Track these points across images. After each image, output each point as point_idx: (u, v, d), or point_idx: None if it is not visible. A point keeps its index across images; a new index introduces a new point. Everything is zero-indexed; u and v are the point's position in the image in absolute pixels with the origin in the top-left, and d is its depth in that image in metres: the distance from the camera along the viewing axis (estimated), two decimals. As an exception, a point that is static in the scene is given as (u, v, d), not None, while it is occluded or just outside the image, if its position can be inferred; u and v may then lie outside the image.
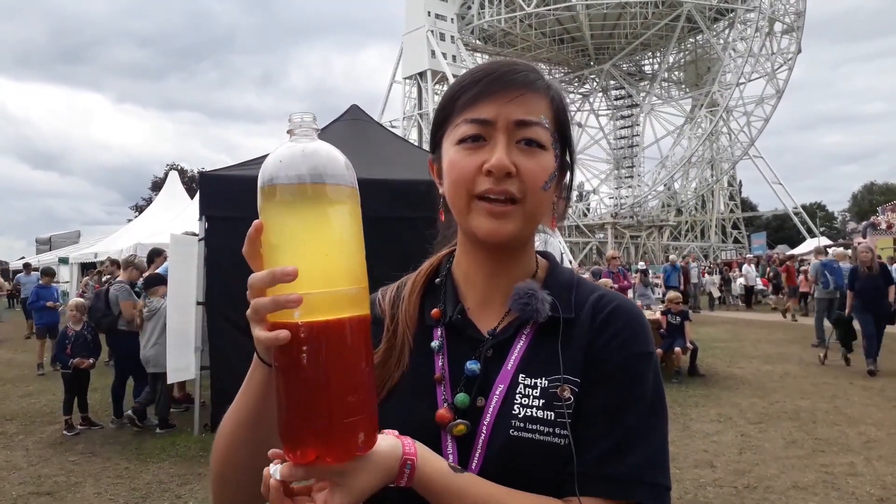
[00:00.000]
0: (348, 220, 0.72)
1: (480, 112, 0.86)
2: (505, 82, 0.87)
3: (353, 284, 0.71)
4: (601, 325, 0.89)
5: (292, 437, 0.70)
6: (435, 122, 0.95)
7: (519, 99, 0.86)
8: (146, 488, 4.81)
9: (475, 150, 0.86)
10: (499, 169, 0.84)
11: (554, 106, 0.91)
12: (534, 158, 0.86)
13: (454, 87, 0.91)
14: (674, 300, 9.37)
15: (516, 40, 53.35)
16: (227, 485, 0.87)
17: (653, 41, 54.07)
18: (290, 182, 0.68)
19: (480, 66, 0.91)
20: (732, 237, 57.98)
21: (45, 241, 35.14)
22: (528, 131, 0.86)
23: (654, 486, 0.82)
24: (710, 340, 11.88)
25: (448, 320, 0.94)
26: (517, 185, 0.85)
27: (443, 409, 0.86)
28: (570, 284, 0.96)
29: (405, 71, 52.69)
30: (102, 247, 17.41)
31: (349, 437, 0.69)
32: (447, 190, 0.90)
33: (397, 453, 0.75)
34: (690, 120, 53.82)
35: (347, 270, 0.70)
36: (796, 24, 47.12)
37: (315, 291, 0.68)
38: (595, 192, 61.75)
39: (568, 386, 0.85)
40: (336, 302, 0.69)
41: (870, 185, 73.47)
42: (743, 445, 5.61)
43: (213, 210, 6.30)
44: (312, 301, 0.67)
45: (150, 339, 6.61)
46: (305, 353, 0.68)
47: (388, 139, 7.75)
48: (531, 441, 0.83)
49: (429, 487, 0.77)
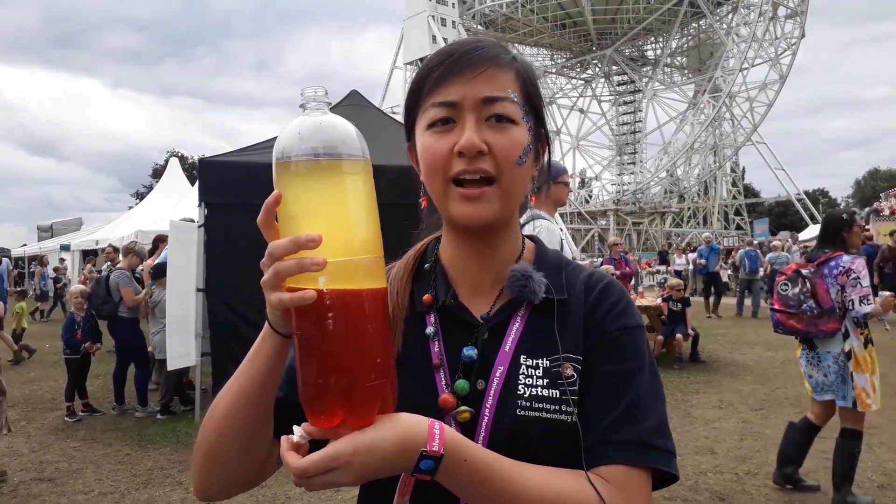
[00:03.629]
0: (363, 190, 0.73)
1: (446, 94, 0.85)
2: (467, 60, 0.86)
3: (371, 253, 0.73)
4: (596, 300, 0.91)
5: (319, 402, 0.71)
6: (406, 109, 0.94)
7: (483, 75, 0.85)
8: (147, 474, 4.83)
9: (445, 132, 0.86)
10: (469, 149, 0.83)
11: (521, 79, 0.89)
12: (505, 134, 0.85)
13: (420, 71, 0.91)
14: (675, 287, 9.36)
15: (518, 25, 53.03)
16: (214, 462, 0.85)
17: (655, 26, 53.73)
18: (307, 154, 0.70)
19: (444, 48, 0.90)
20: (735, 224, 57.88)
21: (46, 228, 35.14)
22: (496, 107, 0.85)
23: (665, 452, 0.83)
24: (711, 327, 11.89)
25: (440, 305, 0.93)
26: (491, 162, 0.84)
27: (446, 395, 0.86)
28: (559, 266, 0.96)
29: (406, 56, 52.36)
30: (104, 234, 17.41)
31: (372, 399, 0.71)
32: (423, 176, 0.90)
33: (423, 421, 0.74)
34: (693, 106, 53.60)
35: (365, 240, 0.72)
36: (800, 9, 46.69)
37: (337, 259, 0.69)
38: (597, 178, 61.68)
39: (570, 364, 0.86)
40: (357, 270, 0.71)
41: (873, 170, 73.29)
42: (744, 432, 5.61)
43: (213, 196, 6.28)
44: (334, 269, 0.69)
45: (157, 327, 6.64)
46: (332, 319, 0.69)
47: (388, 125, 7.69)
48: (538, 419, 0.83)
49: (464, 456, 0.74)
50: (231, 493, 0.89)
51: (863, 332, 3.86)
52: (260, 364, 0.80)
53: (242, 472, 0.87)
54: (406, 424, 0.73)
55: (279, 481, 4.54)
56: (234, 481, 0.87)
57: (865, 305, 3.75)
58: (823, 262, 3.95)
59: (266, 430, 0.86)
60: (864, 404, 3.79)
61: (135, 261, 7.44)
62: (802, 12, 46.64)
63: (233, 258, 5.71)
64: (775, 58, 48.18)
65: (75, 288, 7.46)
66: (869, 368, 3.81)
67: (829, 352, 3.93)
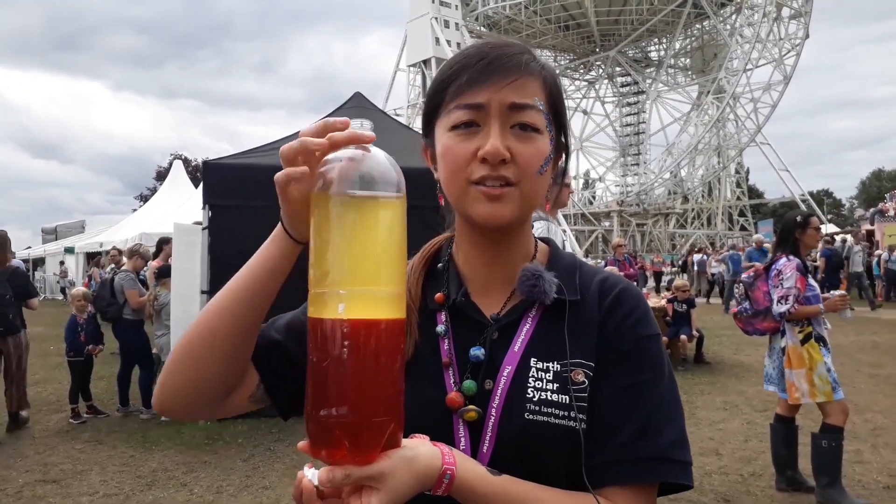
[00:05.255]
0: (397, 225, 0.73)
1: (473, 97, 0.84)
2: (498, 66, 0.84)
3: (395, 286, 0.72)
4: (610, 307, 0.90)
5: (321, 433, 0.70)
6: (427, 107, 0.93)
7: (513, 83, 0.84)
8: (151, 476, 4.84)
9: (469, 136, 0.85)
10: (493, 156, 0.82)
11: (547, 86, 0.88)
12: (529, 143, 0.85)
13: (445, 70, 0.89)
14: (681, 288, 9.34)
15: (521, 27, 53.00)
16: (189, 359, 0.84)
17: (659, 27, 53.71)
18: (344, 189, 0.70)
19: (471, 49, 0.89)
20: (739, 224, 57.74)
21: (50, 230, 35.28)
22: (523, 115, 0.85)
23: (683, 465, 0.83)
24: (715, 328, 11.85)
25: (451, 304, 0.93)
26: (513, 170, 0.84)
27: (453, 394, 0.86)
28: (573, 268, 0.95)
29: (409, 58, 52.43)
30: (108, 236, 17.48)
31: (377, 436, 0.70)
32: (442, 176, 0.89)
33: (437, 463, 0.74)
34: (697, 107, 53.55)
35: (391, 273, 0.72)
36: (804, 9, 46.60)
37: (358, 288, 0.69)
38: (601, 179, 61.67)
39: (582, 370, 0.85)
40: (378, 302, 0.70)
41: (878, 171, 72.96)
42: (749, 433, 5.59)
43: (217, 198, 6.29)
44: (355, 296, 0.69)
45: (162, 329, 6.65)
46: (347, 348, 0.69)
47: (392, 128, 7.71)
48: (546, 424, 0.82)
49: (471, 494, 0.76)
50: (192, 408, 0.88)
51: (802, 330, 4.03)
52: (263, 263, 0.82)
53: (212, 383, 0.85)
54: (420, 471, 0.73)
55: (283, 483, 4.55)
56: (200, 391, 0.86)
57: (782, 305, 4.00)
58: (770, 264, 4.22)
59: (248, 344, 0.86)
60: (793, 397, 4.02)
61: (139, 263, 7.46)
62: (807, 13, 46.56)
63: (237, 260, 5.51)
64: (779, 58, 48.10)
65: (77, 290, 7.48)
66: (805, 364, 3.98)
67: (775, 347, 4.24)
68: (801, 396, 3.98)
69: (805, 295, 4.02)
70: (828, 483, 3.96)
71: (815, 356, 3.97)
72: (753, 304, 4.27)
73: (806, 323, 4.03)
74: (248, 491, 4.46)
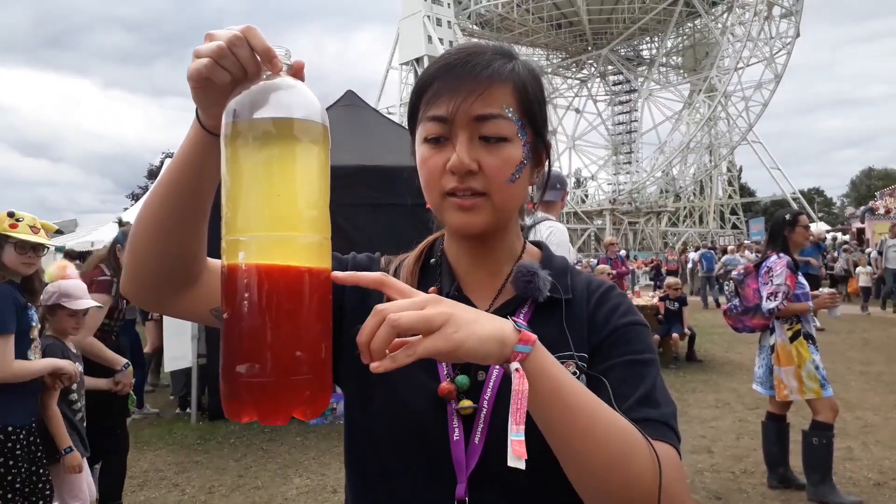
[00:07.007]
0: (315, 163, 0.67)
1: (440, 109, 0.85)
2: (465, 77, 0.84)
3: (310, 233, 0.66)
4: (598, 301, 0.94)
5: (229, 390, 0.64)
6: (408, 112, 0.95)
7: (481, 95, 0.83)
8: (143, 476, 4.81)
9: (440, 148, 0.86)
10: (458, 169, 0.84)
11: (518, 90, 0.87)
12: (497, 153, 0.85)
13: (419, 80, 0.90)
14: (672, 286, 9.36)
15: (513, 25, 53.05)
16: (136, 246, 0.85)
17: (651, 25, 53.79)
18: (256, 117, 0.64)
19: (444, 57, 0.88)
20: (731, 223, 57.98)
21: (41, 229, 35.00)
22: (488, 126, 0.84)
23: (677, 435, 0.84)
24: (707, 326, 11.89)
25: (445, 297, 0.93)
26: (482, 181, 0.85)
27: (444, 383, 0.87)
28: (565, 269, 0.98)
29: (402, 57, 52.38)
30: (99, 235, 17.35)
31: (293, 396, 0.64)
32: (422, 185, 0.91)
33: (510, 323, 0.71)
34: (689, 105, 53.67)
35: (306, 217, 0.66)
36: (795, 8, 46.76)
37: (265, 234, 0.63)
38: (593, 178, 61.72)
39: (573, 362, 0.87)
40: (289, 248, 0.64)
41: (868, 170, 73.39)
42: (741, 431, 5.62)
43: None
44: (261, 244, 0.63)
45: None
46: (247, 300, 0.63)
47: (384, 126, 7.68)
48: None
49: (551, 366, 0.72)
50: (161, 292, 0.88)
51: (791, 328, 4.06)
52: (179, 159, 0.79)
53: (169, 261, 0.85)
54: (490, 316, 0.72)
55: (276, 482, 4.53)
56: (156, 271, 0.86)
57: (771, 301, 4.03)
58: (761, 262, 4.26)
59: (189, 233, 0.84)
60: (781, 394, 4.06)
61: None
62: (797, 11, 46.72)
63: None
64: (770, 57, 48.25)
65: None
66: (794, 361, 4.01)
67: (764, 346, 4.26)
68: (790, 393, 4.01)
69: (794, 292, 4.05)
70: (819, 480, 3.99)
71: (803, 353, 4.00)
72: (743, 301, 4.31)
73: (795, 320, 4.06)
74: (241, 491, 4.44)
